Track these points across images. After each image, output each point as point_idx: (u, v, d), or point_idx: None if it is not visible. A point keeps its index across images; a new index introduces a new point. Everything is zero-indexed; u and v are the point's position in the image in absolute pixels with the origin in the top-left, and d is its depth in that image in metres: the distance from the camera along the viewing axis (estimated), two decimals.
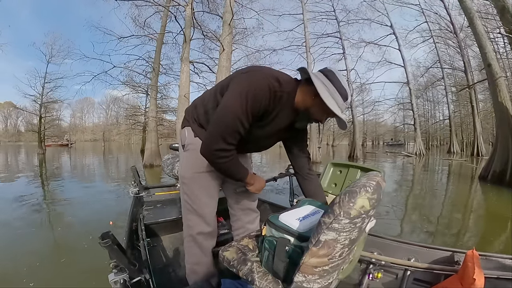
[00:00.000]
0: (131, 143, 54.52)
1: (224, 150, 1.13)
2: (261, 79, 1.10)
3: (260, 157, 19.71)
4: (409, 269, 1.47)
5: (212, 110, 1.26)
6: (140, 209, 2.57)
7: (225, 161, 1.18)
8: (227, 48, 8.61)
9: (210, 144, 1.13)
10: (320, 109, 1.15)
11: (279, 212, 1.20)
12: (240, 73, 1.17)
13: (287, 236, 1.06)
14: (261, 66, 1.25)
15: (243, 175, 1.31)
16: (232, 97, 1.09)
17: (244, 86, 1.09)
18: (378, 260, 1.52)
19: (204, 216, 1.42)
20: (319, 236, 0.81)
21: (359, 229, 0.83)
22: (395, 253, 1.53)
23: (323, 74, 1.14)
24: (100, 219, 4.32)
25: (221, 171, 1.27)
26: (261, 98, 1.09)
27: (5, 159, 19.26)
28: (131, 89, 19.55)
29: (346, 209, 0.76)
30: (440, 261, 1.43)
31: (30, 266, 2.72)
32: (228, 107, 1.09)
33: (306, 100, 1.18)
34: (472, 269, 1.12)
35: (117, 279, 1.08)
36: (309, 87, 1.15)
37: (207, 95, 1.34)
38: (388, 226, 4.09)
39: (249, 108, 1.08)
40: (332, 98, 1.10)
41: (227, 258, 1.24)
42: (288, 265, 1.03)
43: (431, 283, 1.41)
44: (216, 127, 1.11)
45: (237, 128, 1.10)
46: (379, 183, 0.83)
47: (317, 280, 0.88)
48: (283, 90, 1.14)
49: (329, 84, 1.11)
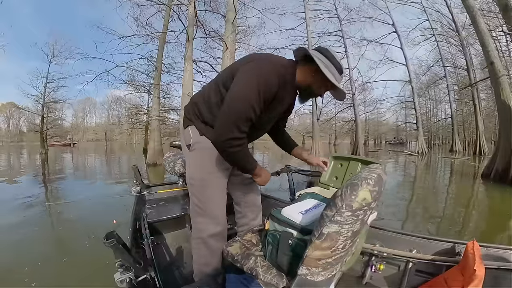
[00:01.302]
0: (133, 142, 54.66)
1: (238, 138, 1.14)
2: (269, 66, 1.15)
3: (262, 156, 19.73)
4: (411, 261, 1.49)
5: (215, 105, 1.27)
6: (143, 208, 2.57)
7: (238, 149, 1.18)
8: (231, 47, 8.63)
9: (223, 133, 1.13)
10: (321, 84, 1.24)
11: (282, 207, 1.21)
12: (245, 63, 1.19)
13: (290, 230, 1.07)
14: (263, 54, 1.30)
15: (254, 165, 1.31)
16: (243, 86, 1.11)
17: (254, 74, 1.12)
18: (380, 252, 1.54)
19: (215, 218, 1.41)
20: (321, 229, 0.82)
21: (361, 221, 0.84)
22: (397, 245, 1.55)
23: (319, 52, 1.21)
24: (104, 218, 4.33)
25: (233, 161, 1.27)
26: (272, 84, 1.14)
27: (8, 159, 19.32)
28: (133, 89, 19.62)
29: (348, 201, 0.77)
30: (441, 253, 1.45)
31: (32, 264, 2.73)
32: (241, 96, 1.11)
33: (307, 78, 1.25)
34: (473, 260, 1.13)
35: (123, 278, 1.09)
36: (308, 65, 1.22)
37: (206, 91, 1.34)
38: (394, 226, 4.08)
39: (262, 94, 1.12)
40: (330, 73, 1.18)
41: (231, 253, 1.25)
42: (291, 258, 1.05)
43: (432, 274, 1.43)
44: (228, 115, 1.11)
45: (250, 116, 1.12)
46: (380, 175, 0.84)
47: (321, 273, 0.89)
48: (287, 73, 1.20)
49: (326, 60, 1.19)
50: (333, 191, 1.19)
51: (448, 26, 23.80)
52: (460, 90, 26.24)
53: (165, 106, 21.93)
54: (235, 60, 1.57)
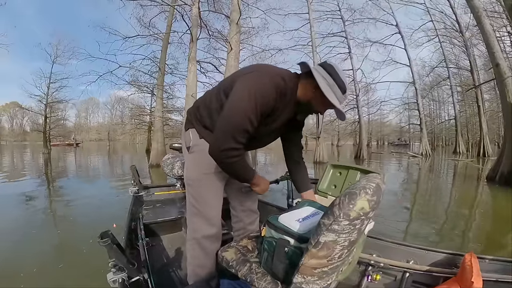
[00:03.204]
0: (136, 142, 54.87)
1: (234, 149, 1.12)
2: (268, 79, 1.13)
3: (265, 156, 19.72)
4: (408, 271, 1.47)
5: (215, 111, 1.26)
6: (140, 209, 2.58)
7: (235, 160, 1.16)
8: (235, 47, 8.62)
9: (220, 143, 1.12)
10: (320, 101, 1.18)
11: (279, 213, 1.19)
12: (246, 73, 1.18)
13: (287, 237, 1.05)
14: (264, 65, 1.28)
15: (251, 175, 1.30)
16: (241, 97, 1.10)
17: (252, 85, 1.10)
18: (377, 262, 1.52)
19: (210, 219, 1.41)
20: (318, 238, 0.82)
21: (359, 230, 0.83)
22: (394, 255, 1.54)
23: (323, 68, 1.18)
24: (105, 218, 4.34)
25: (230, 171, 1.26)
26: (269, 97, 1.12)
27: (11, 159, 19.48)
28: (136, 89, 19.71)
29: (345, 210, 0.76)
30: (438, 264, 1.44)
31: (33, 264, 2.74)
32: (237, 107, 1.09)
33: (307, 93, 1.22)
34: (470, 271, 1.13)
35: (115, 278, 1.08)
36: (309, 80, 1.18)
37: (208, 96, 1.34)
38: (397, 232, 4.03)
39: (259, 107, 1.10)
40: (331, 91, 1.14)
41: (226, 259, 1.24)
42: (287, 266, 1.03)
43: (430, 286, 1.41)
44: (225, 126, 1.11)
45: (247, 127, 1.11)
46: (378, 185, 0.82)
47: (316, 282, 0.88)
48: (287, 87, 1.19)
49: (328, 77, 1.15)
50: (331, 200, 1.18)
51: (452, 27, 23.74)
52: (465, 92, 26.06)
53: (168, 107, 22.01)
54: (239, 63, 1.54)
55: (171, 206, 2.76)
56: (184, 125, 1.47)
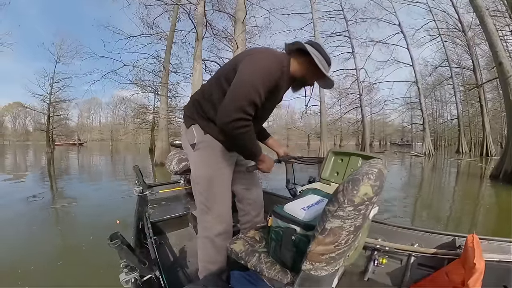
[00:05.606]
0: (138, 142, 54.90)
1: (244, 119, 1.13)
2: (272, 58, 1.22)
3: None
4: (413, 255, 1.50)
5: (218, 101, 1.27)
6: (146, 208, 2.59)
7: (245, 130, 1.16)
8: (241, 46, 8.63)
9: (230, 113, 1.11)
10: (313, 74, 1.35)
11: (284, 203, 1.22)
12: (249, 54, 1.25)
13: (293, 226, 1.08)
14: (263, 47, 1.39)
15: (259, 150, 1.33)
16: (250, 73, 1.16)
17: (259, 64, 1.18)
18: (382, 246, 1.55)
19: (221, 215, 1.42)
20: (324, 224, 0.82)
21: (363, 216, 0.84)
22: (399, 239, 1.56)
23: (312, 46, 1.30)
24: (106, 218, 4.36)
25: (239, 144, 1.25)
26: (274, 74, 1.21)
27: (14, 158, 19.54)
28: (140, 88, 19.72)
29: (350, 196, 0.77)
30: (443, 246, 1.46)
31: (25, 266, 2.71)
32: (247, 80, 1.14)
33: (302, 69, 1.34)
34: (472, 253, 1.14)
35: (128, 278, 1.10)
36: (302, 57, 1.31)
37: (207, 88, 1.36)
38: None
39: (267, 82, 1.17)
40: (322, 65, 1.29)
41: (235, 251, 1.26)
42: (295, 254, 1.05)
43: (434, 268, 1.44)
44: (235, 97, 1.12)
45: (256, 100, 1.14)
46: (381, 170, 0.84)
47: (325, 267, 0.89)
48: (284, 65, 1.27)
49: (317, 54, 1.29)
50: (334, 187, 1.19)
51: (454, 26, 23.61)
52: (468, 91, 25.95)
53: (172, 106, 22.03)
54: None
55: (176, 203, 2.79)
56: (184, 122, 1.47)
